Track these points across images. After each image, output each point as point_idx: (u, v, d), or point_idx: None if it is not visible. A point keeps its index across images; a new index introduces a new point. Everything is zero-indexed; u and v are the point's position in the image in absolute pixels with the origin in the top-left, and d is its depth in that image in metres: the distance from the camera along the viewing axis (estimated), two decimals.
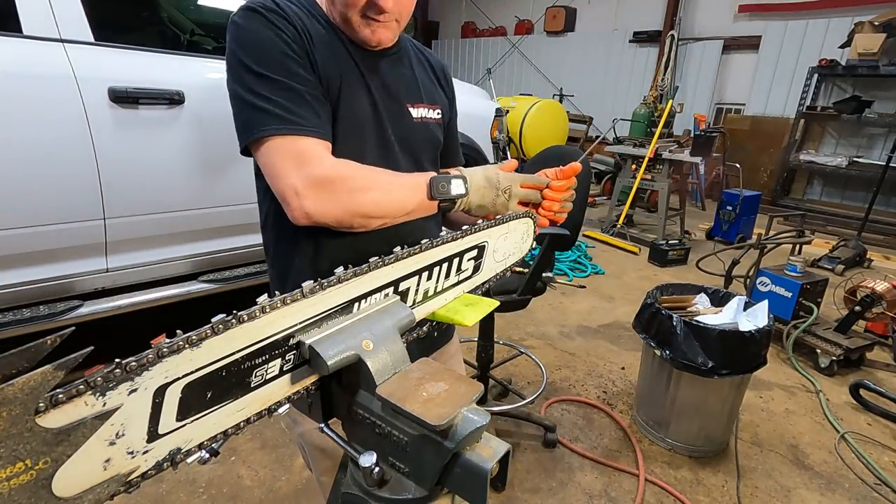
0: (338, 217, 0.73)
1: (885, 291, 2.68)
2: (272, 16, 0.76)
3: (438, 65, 1.04)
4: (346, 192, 0.73)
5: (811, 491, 1.89)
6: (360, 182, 0.74)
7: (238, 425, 0.46)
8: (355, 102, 0.83)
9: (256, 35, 0.75)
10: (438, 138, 0.98)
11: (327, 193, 0.72)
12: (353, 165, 0.76)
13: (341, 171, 0.74)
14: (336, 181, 0.73)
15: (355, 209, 0.73)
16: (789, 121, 6.48)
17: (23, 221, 1.68)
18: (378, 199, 0.75)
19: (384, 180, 0.77)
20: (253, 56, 0.75)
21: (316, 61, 0.79)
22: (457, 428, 0.44)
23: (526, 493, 1.80)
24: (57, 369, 0.31)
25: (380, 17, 0.80)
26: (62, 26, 1.68)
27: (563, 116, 7.44)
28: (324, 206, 0.72)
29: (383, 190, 0.76)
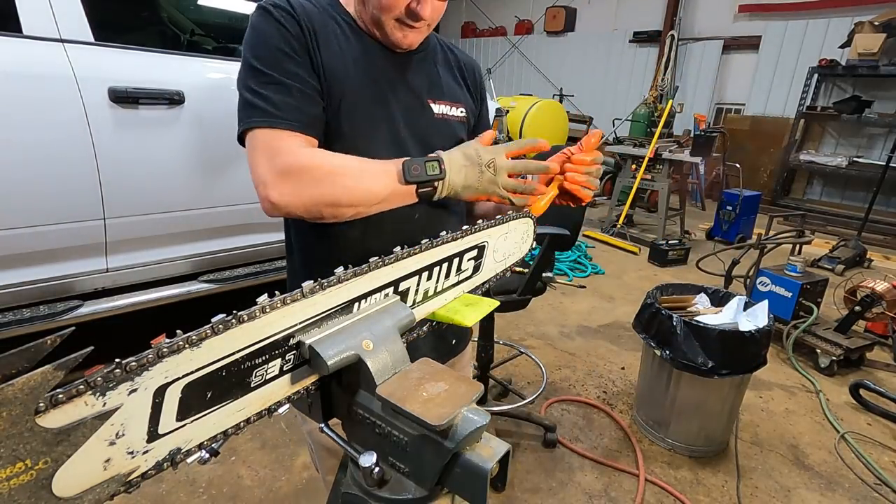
0: (304, 206, 0.72)
1: (885, 291, 2.68)
2: (278, 12, 0.77)
3: (469, 65, 1.03)
4: (312, 181, 0.72)
5: (811, 491, 1.89)
6: (327, 170, 0.73)
7: (238, 425, 0.46)
8: (365, 102, 0.83)
9: (259, 31, 0.77)
10: (460, 136, 0.97)
11: (292, 183, 0.71)
12: (323, 154, 0.75)
13: (309, 160, 0.73)
14: (302, 171, 0.72)
15: (321, 198, 0.72)
16: (789, 121, 6.48)
17: (23, 221, 1.68)
18: (346, 186, 0.73)
19: (353, 167, 0.75)
20: (254, 52, 0.77)
21: (321, 61, 0.79)
22: (457, 428, 0.44)
23: (526, 493, 1.80)
24: (57, 369, 0.31)
25: (415, 24, 0.81)
26: (62, 26, 1.68)
27: (563, 116, 7.44)
28: (288, 196, 0.71)
29: (351, 177, 0.73)
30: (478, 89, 1.04)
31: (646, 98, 6.11)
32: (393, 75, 0.87)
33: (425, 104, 0.91)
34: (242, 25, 2.59)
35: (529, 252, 0.87)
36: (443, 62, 0.98)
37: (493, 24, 10.21)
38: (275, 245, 2.35)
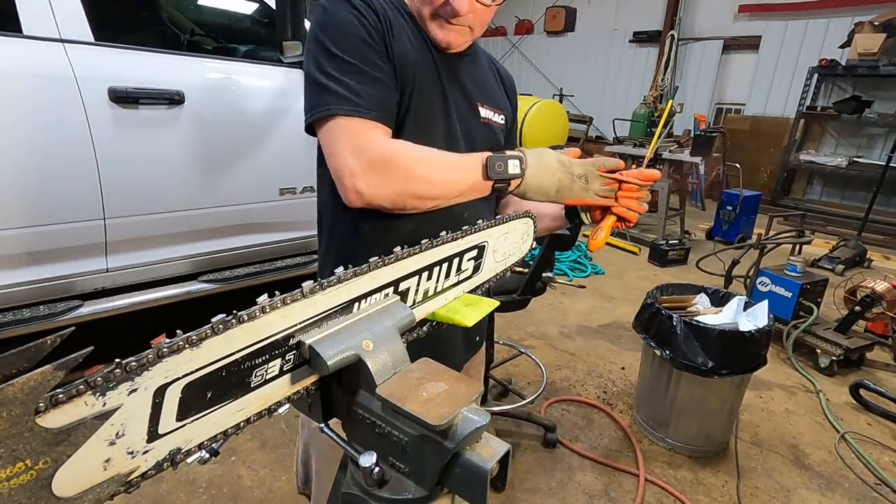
0: (391, 199, 0.73)
1: (885, 291, 2.68)
2: (357, 1, 0.77)
3: (507, 76, 1.06)
4: (401, 173, 0.72)
5: (811, 491, 1.89)
6: (414, 163, 0.74)
7: (238, 425, 0.46)
8: (428, 95, 0.85)
9: (338, 18, 0.76)
10: (500, 141, 0.99)
11: (381, 175, 0.72)
12: (408, 146, 0.75)
13: (396, 152, 0.74)
14: (390, 163, 0.72)
15: (408, 190, 0.73)
16: (789, 121, 6.48)
17: (23, 221, 1.68)
18: (432, 180, 0.74)
19: (439, 160, 0.76)
20: (331, 37, 0.76)
21: (393, 52, 0.79)
22: (457, 428, 0.44)
23: (526, 493, 1.80)
24: (57, 369, 0.31)
25: (453, 21, 0.81)
26: (62, 26, 1.68)
27: (563, 116, 7.42)
28: (377, 187, 0.72)
29: (438, 170, 0.75)
30: (514, 101, 1.07)
31: (646, 98, 6.11)
32: (448, 73, 0.88)
33: (474, 106, 0.93)
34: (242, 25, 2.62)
35: (529, 252, 0.87)
36: (488, 69, 1.00)
37: (492, 24, 10.20)
38: (275, 245, 2.35)
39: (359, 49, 0.76)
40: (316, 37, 0.77)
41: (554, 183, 0.77)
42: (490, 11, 0.84)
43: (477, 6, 0.81)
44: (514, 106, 1.06)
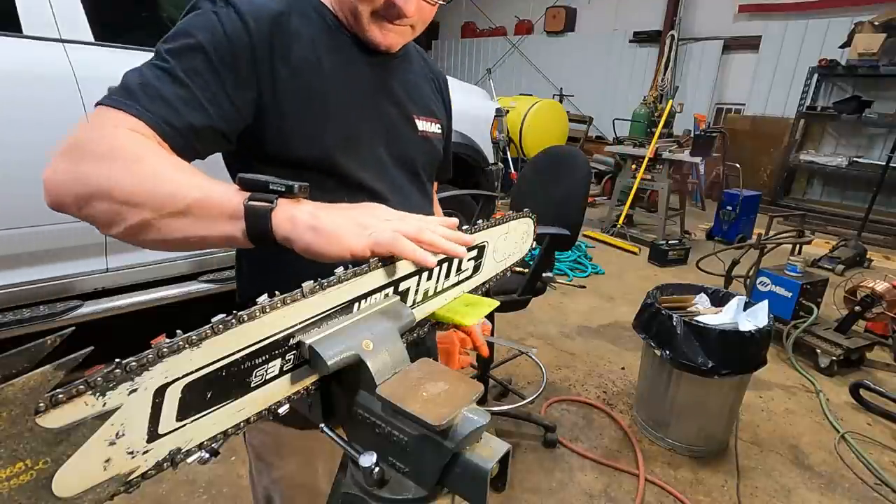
0: (74, 192, 0.53)
1: (885, 291, 2.68)
2: (225, 11, 0.65)
3: (441, 76, 0.95)
4: (93, 155, 0.54)
5: (811, 491, 1.89)
6: (118, 148, 0.54)
7: (238, 425, 0.46)
8: (350, 118, 0.74)
9: (196, 23, 0.65)
10: (440, 153, 0.91)
11: (70, 158, 0.54)
12: (134, 136, 0.56)
13: (102, 135, 0.55)
14: (88, 143, 0.55)
15: (94, 181, 0.52)
16: (789, 121, 6.48)
17: (23, 221, 1.68)
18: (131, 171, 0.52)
19: (156, 153, 0.56)
20: (172, 33, 0.65)
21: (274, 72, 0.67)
22: (457, 428, 0.44)
23: (526, 493, 1.80)
24: (57, 369, 0.31)
25: (396, 22, 0.72)
26: (62, 26, 1.68)
27: (563, 117, 7.45)
28: (61, 173, 0.54)
29: (146, 163, 0.54)
30: (449, 104, 0.95)
31: (646, 98, 6.10)
32: (379, 83, 0.78)
33: (410, 119, 0.82)
34: None
35: (529, 252, 0.87)
36: (420, 70, 0.89)
37: (493, 24, 10.20)
38: None
39: (185, 53, 0.62)
40: (168, 35, 0.66)
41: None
42: (434, 9, 0.74)
43: (424, 5, 0.72)
44: (448, 109, 0.95)
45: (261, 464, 0.92)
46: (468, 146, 3.00)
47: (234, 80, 0.65)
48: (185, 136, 0.61)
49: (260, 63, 0.67)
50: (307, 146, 0.71)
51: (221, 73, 0.64)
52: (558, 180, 1.88)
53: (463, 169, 3.08)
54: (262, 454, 0.90)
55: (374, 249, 0.52)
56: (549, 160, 2.04)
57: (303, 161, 0.71)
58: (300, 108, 0.70)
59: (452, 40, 11.09)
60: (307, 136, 0.71)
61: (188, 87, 0.61)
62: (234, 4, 0.66)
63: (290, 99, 0.69)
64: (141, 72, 0.61)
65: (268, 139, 0.70)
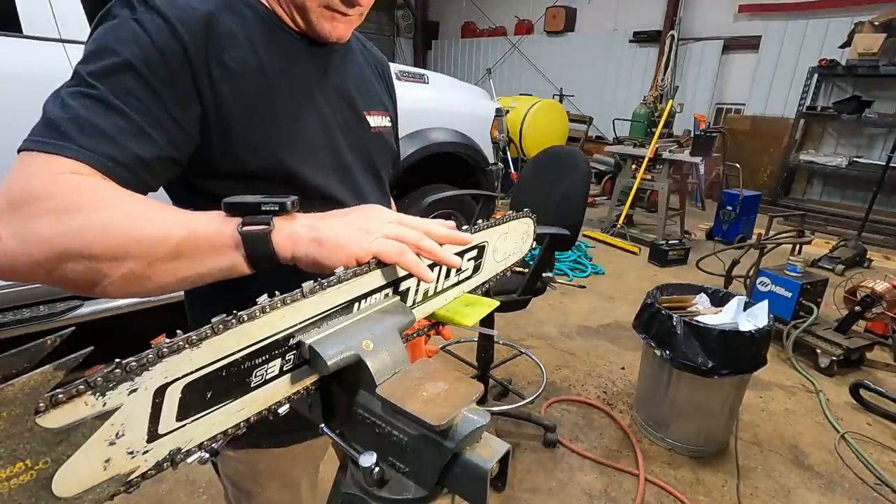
0: (37, 256, 0.46)
1: (885, 291, 2.68)
2: (148, 15, 0.57)
3: (382, 60, 0.87)
4: (52, 211, 0.46)
5: (811, 491, 1.89)
6: (79, 196, 0.47)
7: (238, 425, 0.46)
8: (301, 121, 0.68)
9: (115, 34, 0.56)
10: (394, 149, 0.85)
11: (23, 217, 0.46)
12: (86, 180, 0.50)
13: (56, 185, 0.48)
14: (41, 198, 0.47)
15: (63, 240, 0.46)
16: (789, 121, 6.48)
17: None
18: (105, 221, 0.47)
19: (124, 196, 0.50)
20: (87, 55, 0.56)
21: (212, 84, 0.60)
22: (457, 428, 0.44)
23: (526, 493, 1.80)
24: (57, 369, 0.31)
25: (349, 11, 0.66)
26: (62, 26, 1.68)
27: (563, 116, 7.45)
28: (15, 236, 0.46)
29: (117, 209, 0.48)
30: (393, 92, 0.88)
31: (646, 98, 6.11)
32: (325, 82, 0.72)
33: (361, 116, 0.77)
34: None
35: (529, 252, 0.87)
36: (363, 58, 0.82)
37: (493, 24, 10.20)
38: None
39: (115, 73, 0.54)
40: (84, 50, 0.57)
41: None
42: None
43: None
44: (393, 97, 0.88)
45: (239, 492, 0.87)
46: (468, 146, 3.00)
47: (175, 98, 0.58)
48: (134, 170, 0.54)
49: (198, 73, 0.59)
50: (259, 156, 0.65)
51: (159, 92, 0.56)
52: (558, 180, 1.88)
53: (463, 169, 3.08)
54: (238, 483, 0.86)
55: (377, 257, 0.51)
56: (549, 160, 2.05)
57: (255, 173, 0.65)
58: (246, 116, 0.63)
59: (452, 40, 11.09)
60: (257, 145, 0.64)
61: (125, 113, 0.54)
62: (156, 9, 0.57)
63: (233, 107, 0.62)
64: (64, 102, 0.53)
65: (215, 155, 0.63)
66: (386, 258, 0.51)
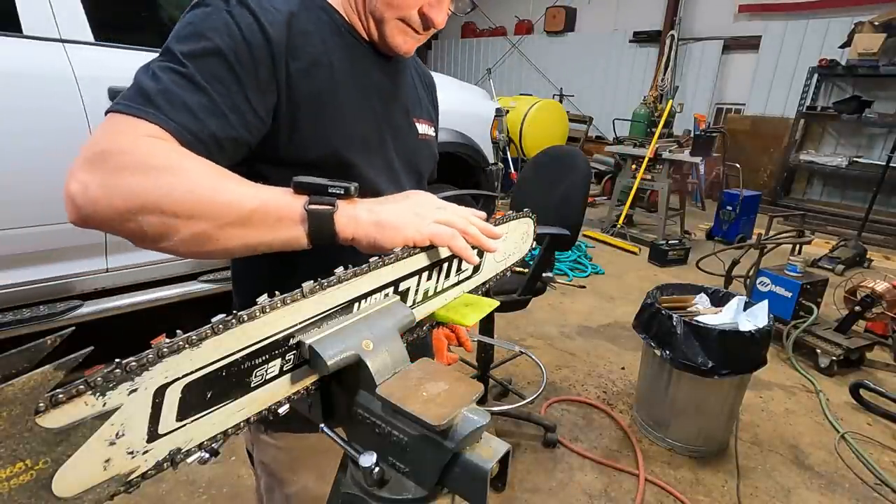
0: (115, 208, 0.50)
1: (885, 291, 2.68)
2: (239, 10, 0.62)
3: (428, 75, 0.95)
4: (131, 167, 0.50)
5: (811, 491, 1.89)
6: (159, 158, 0.52)
7: (238, 425, 0.46)
8: (360, 120, 0.73)
9: (206, 21, 0.61)
10: (436, 155, 0.90)
11: (102, 170, 0.50)
12: (165, 144, 0.54)
13: (135, 144, 0.52)
14: (121, 154, 0.51)
15: (139, 195, 0.49)
16: (789, 121, 6.48)
17: (23, 221, 1.68)
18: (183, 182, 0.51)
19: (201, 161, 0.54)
20: (179, 37, 0.61)
21: (288, 79, 0.65)
22: (457, 428, 0.44)
23: (526, 493, 1.80)
24: (57, 369, 0.31)
25: (423, 32, 0.73)
26: (62, 26, 1.68)
27: (563, 116, 7.44)
28: (93, 187, 0.50)
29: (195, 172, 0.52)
30: (437, 105, 0.95)
31: (646, 98, 6.10)
32: (386, 89, 0.77)
33: (412, 123, 0.82)
34: None
35: (529, 252, 0.87)
36: (415, 72, 0.89)
37: (493, 24, 10.20)
38: None
39: (206, 57, 0.59)
40: (173, 32, 0.62)
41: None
42: None
43: (448, 12, 0.74)
44: (437, 110, 0.95)
45: (272, 480, 0.89)
46: (468, 146, 3.00)
47: (256, 87, 0.63)
48: (208, 146, 0.59)
49: (277, 66, 0.64)
50: (319, 148, 0.69)
51: (242, 80, 0.61)
52: (558, 180, 1.88)
53: (463, 169, 3.08)
54: (274, 471, 0.88)
55: (432, 240, 0.56)
56: (549, 160, 2.04)
57: (314, 163, 0.69)
58: (313, 110, 0.68)
59: (452, 40, 11.09)
60: (320, 137, 0.69)
61: (209, 94, 0.59)
62: (247, 5, 0.63)
63: (303, 100, 0.67)
64: (155, 75, 0.58)
65: (281, 142, 0.67)
66: (439, 242, 0.56)
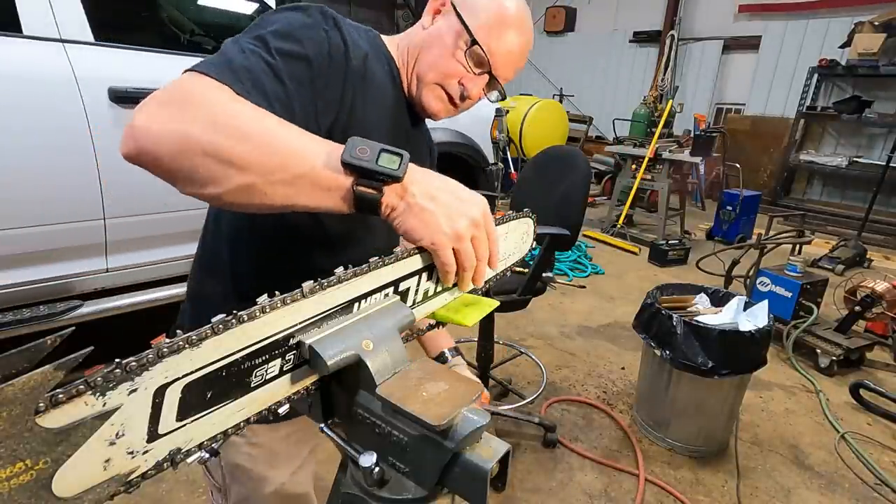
0: (171, 144, 0.50)
1: (885, 291, 2.68)
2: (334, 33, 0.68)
3: (433, 145, 0.99)
4: (197, 108, 0.52)
5: (811, 491, 1.89)
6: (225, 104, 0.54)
7: (238, 425, 0.45)
8: None
9: (298, 23, 0.66)
10: None
11: (170, 108, 0.51)
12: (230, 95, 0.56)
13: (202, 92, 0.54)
14: (192, 95, 0.53)
15: (199, 136, 0.50)
16: (789, 121, 6.48)
17: (23, 221, 1.68)
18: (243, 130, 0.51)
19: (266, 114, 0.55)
20: (275, 30, 0.64)
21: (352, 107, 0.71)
22: (457, 428, 0.44)
23: (526, 493, 1.80)
24: (57, 369, 0.31)
25: (459, 103, 0.79)
26: (62, 26, 1.68)
27: (563, 116, 7.44)
28: (156, 122, 0.50)
29: (257, 122, 0.53)
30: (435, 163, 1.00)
31: (646, 98, 6.10)
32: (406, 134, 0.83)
33: None
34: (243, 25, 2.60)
35: (529, 252, 0.87)
36: (426, 140, 0.95)
37: None
38: None
39: (291, 57, 0.63)
40: (264, 20, 0.66)
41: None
42: None
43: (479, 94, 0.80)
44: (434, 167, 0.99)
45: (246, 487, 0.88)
46: (468, 146, 3.00)
47: (325, 99, 0.68)
48: None
49: (346, 91, 0.70)
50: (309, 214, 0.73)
51: (318, 90, 0.66)
52: (558, 180, 1.88)
53: (463, 169, 3.08)
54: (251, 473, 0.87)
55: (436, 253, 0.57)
56: (549, 160, 2.04)
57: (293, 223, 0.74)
58: None
59: None
60: None
61: (287, 89, 0.63)
62: (341, 30, 0.69)
63: (354, 127, 0.71)
64: (245, 54, 0.61)
65: None
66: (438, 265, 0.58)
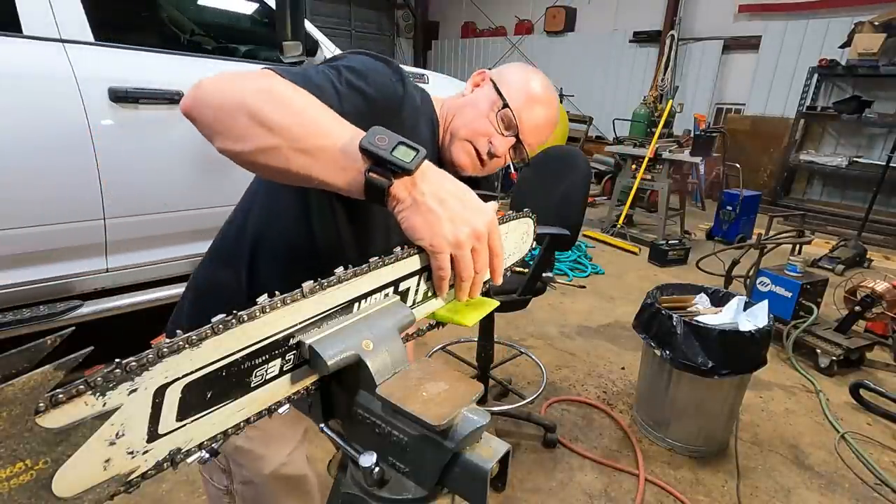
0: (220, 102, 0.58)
1: (885, 291, 2.68)
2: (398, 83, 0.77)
3: None
4: (247, 79, 0.60)
5: (811, 491, 1.89)
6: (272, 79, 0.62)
7: (238, 425, 0.46)
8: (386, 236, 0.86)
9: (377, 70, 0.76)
10: None
11: (224, 79, 0.60)
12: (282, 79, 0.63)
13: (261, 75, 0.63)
14: (245, 75, 0.61)
15: (244, 98, 0.57)
16: (789, 121, 6.48)
17: (23, 221, 1.68)
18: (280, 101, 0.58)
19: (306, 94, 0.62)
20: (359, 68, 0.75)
21: None
22: (457, 428, 0.44)
23: (526, 493, 1.80)
24: (57, 369, 0.31)
25: (487, 161, 0.84)
26: (62, 26, 1.68)
27: (563, 116, 7.44)
28: (211, 88, 0.59)
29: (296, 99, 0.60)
30: None
31: (646, 98, 6.10)
32: None
33: None
34: (242, 25, 2.61)
35: (529, 252, 0.87)
36: None
37: (493, 24, 10.20)
38: None
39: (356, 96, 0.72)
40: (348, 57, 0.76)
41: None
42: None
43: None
44: None
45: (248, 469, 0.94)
46: None
47: None
48: None
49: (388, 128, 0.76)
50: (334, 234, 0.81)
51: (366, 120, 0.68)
52: (558, 180, 1.88)
53: None
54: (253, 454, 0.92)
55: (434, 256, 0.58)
56: (549, 160, 2.04)
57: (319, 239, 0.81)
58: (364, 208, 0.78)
59: (452, 40, 11.09)
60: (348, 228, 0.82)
61: (344, 110, 0.66)
62: (405, 85, 0.78)
63: None
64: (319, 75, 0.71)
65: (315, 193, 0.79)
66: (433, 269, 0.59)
